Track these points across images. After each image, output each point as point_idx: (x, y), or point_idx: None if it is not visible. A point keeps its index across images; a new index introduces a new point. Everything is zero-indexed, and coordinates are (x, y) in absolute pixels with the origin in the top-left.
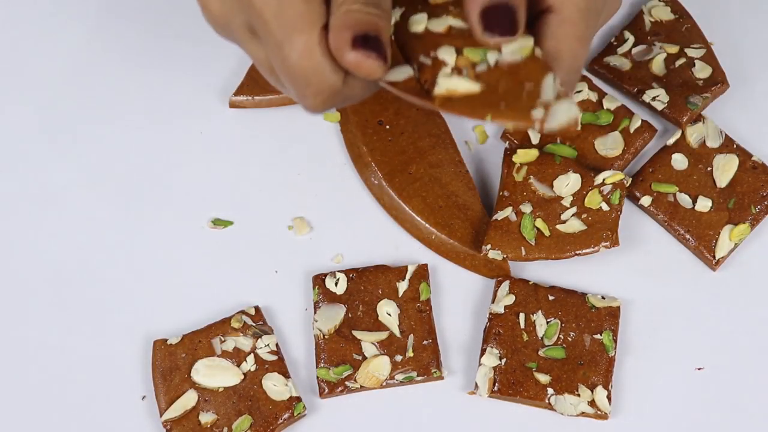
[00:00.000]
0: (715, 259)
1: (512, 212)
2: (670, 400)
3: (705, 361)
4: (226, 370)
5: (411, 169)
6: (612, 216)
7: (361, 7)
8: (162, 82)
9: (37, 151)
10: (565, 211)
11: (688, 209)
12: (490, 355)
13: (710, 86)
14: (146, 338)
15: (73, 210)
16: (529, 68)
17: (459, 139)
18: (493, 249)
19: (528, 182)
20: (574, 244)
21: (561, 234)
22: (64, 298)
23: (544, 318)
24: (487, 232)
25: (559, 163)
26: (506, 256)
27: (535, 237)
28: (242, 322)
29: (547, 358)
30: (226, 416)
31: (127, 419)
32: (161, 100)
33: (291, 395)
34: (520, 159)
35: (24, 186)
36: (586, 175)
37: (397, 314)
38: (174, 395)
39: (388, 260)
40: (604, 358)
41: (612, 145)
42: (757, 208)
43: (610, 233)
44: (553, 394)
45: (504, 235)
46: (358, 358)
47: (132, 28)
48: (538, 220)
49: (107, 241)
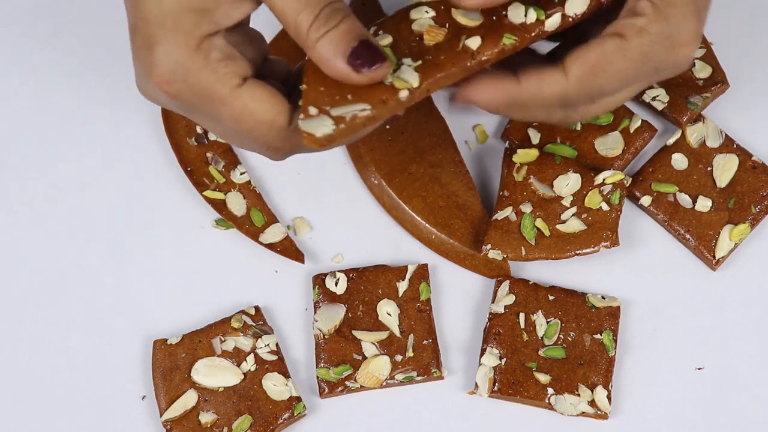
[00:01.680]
0: (715, 259)
1: (512, 212)
2: (670, 400)
3: (705, 361)
4: (226, 370)
5: (411, 169)
6: (612, 216)
7: (339, 21)
8: None
9: (37, 151)
10: (565, 211)
11: (688, 209)
12: (490, 354)
13: (710, 86)
14: (146, 338)
15: (73, 209)
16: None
17: (459, 138)
18: (493, 249)
19: (528, 182)
20: (574, 244)
21: (561, 234)
22: (64, 298)
23: (544, 318)
24: (487, 232)
25: (559, 163)
26: (506, 256)
27: (535, 237)
28: (242, 322)
29: (547, 357)
30: (226, 416)
31: (127, 419)
32: None
33: (291, 395)
34: (520, 159)
35: (24, 185)
36: (586, 175)
37: (397, 314)
38: (174, 395)
39: (388, 260)
40: (604, 358)
41: (612, 145)
42: (757, 208)
43: (610, 233)
44: (553, 394)
45: (504, 235)
46: (358, 358)
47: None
48: (538, 220)
49: (107, 240)
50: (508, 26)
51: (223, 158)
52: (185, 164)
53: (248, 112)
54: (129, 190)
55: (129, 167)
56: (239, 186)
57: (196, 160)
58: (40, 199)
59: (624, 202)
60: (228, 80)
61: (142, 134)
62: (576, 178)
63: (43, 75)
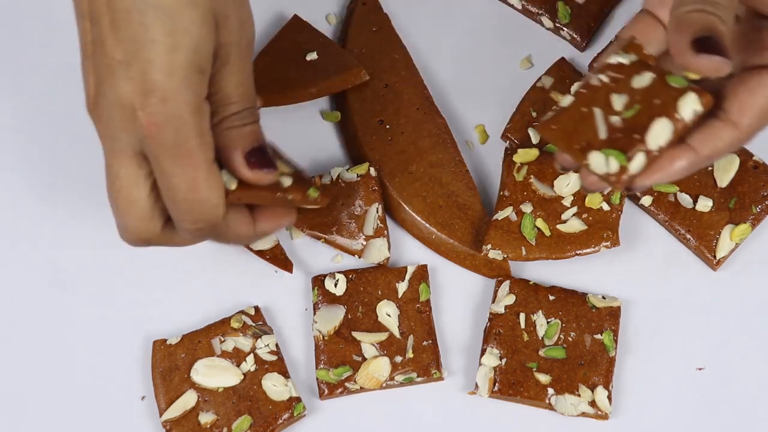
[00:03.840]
0: (716, 259)
1: (513, 212)
2: (670, 400)
3: (705, 361)
4: (225, 371)
5: (411, 169)
6: (612, 216)
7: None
8: None
9: (37, 150)
10: (566, 210)
11: (689, 209)
12: (491, 355)
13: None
14: (146, 338)
15: (73, 209)
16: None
17: (459, 138)
18: (493, 249)
19: (529, 182)
20: (574, 243)
21: (561, 234)
22: (63, 298)
23: (545, 318)
24: (488, 232)
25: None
26: (507, 256)
27: (536, 237)
28: (242, 322)
29: (547, 358)
30: (225, 416)
31: (127, 419)
32: None
33: (291, 395)
34: (521, 158)
35: (23, 185)
36: None
37: (396, 315)
38: (174, 395)
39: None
40: (605, 358)
41: None
42: (758, 208)
43: (610, 233)
44: (554, 394)
45: (504, 235)
46: (358, 359)
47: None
48: (539, 219)
49: (107, 240)
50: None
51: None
52: None
53: (206, 185)
54: None
55: None
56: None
57: None
58: (40, 198)
59: (625, 202)
60: (208, 151)
61: None
62: (577, 177)
63: (42, 74)
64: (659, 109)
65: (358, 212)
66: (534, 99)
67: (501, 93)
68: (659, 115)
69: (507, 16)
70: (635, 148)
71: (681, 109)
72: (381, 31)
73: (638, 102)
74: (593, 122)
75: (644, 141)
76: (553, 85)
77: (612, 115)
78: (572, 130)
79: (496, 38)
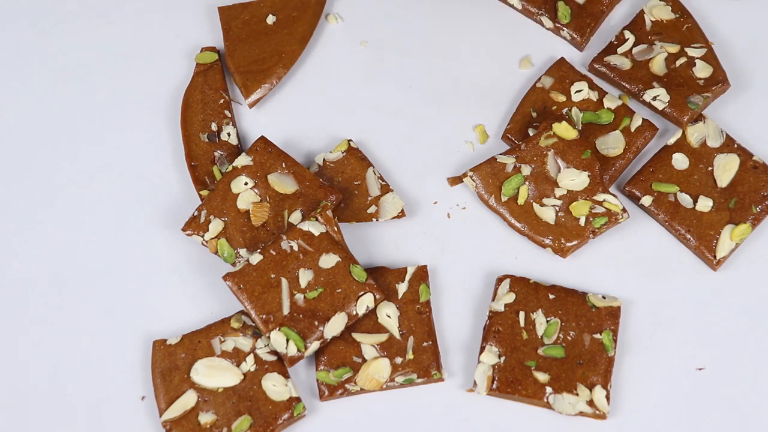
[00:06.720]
0: (716, 259)
1: (513, 164)
2: (669, 400)
3: (705, 361)
4: (225, 371)
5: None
6: (583, 233)
7: None
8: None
9: (37, 151)
10: (550, 198)
11: (689, 209)
12: (489, 352)
13: (711, 86)
14: (146, 338)
15: (73, 209)
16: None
17: (460, 139)
18: (473, 178)
19: (546, 152)
20: (532, 225)
21: (530, 212)
22: (63, 298)
23: (544, 317)
24: (481, 163)
25: (584, 159)
26: (477, 191)
27: (511, 196)
28: (242, 322)
29: (546, 356)
30: (225, 416)
31: (127, 419)
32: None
33: (291, 395)
34: (559, 131)
35: (23, 185)
36: (594, 184)
37: (396, 316)
38: (173, 395)
39: (388, 262)
40: (604, 357)
41: (613, 144)
42: (758, 208)
43: (564, 242)
44: (552, 393)
45: (490, 174)
46: (358, 360)
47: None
48: (524, 186)
49: (107, 240)
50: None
51: (230, 161)
52: (191, 158)
53: None
54: (129, 189)
55: (129, 167)
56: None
57: (202, 157)
58: (40, 198)
59: (603, 231)
60: None
61: (143, 135)
62: (584, 180)
63: (43, 73)
64: (340, 300)
65: (358, 182)
66: (534, 99)
67: (501, 93)
68: (340, 308)
69: (507, 16)
70: (314, 335)
71: (358, 306)
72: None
73: (322, 285)
74: (279, 295)
75: (323, 331)
76: (553, 85)
77: (297, 292)
78: (259, 294)
79: (496, 38)
